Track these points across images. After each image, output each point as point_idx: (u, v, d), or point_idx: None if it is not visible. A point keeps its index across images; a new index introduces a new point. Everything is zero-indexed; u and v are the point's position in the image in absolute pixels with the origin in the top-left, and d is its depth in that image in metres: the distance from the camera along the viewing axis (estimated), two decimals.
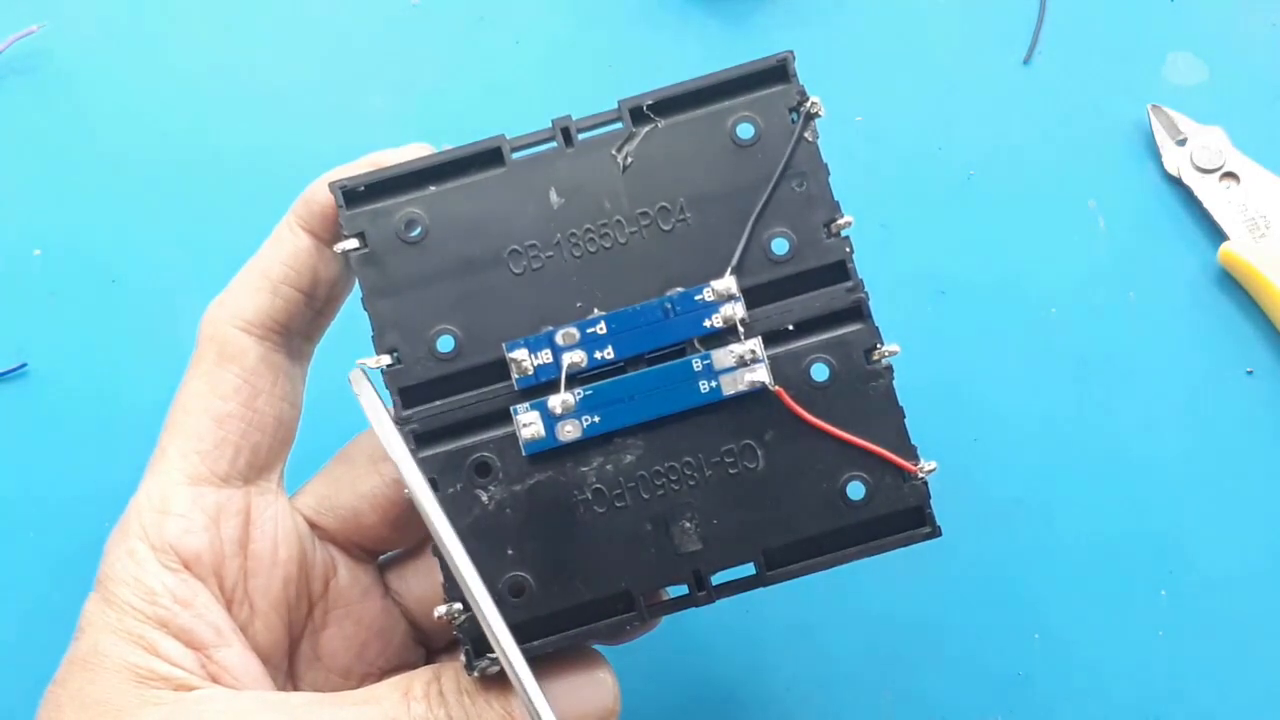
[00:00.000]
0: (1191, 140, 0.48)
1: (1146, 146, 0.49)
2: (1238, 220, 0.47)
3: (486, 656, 0.30)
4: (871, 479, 0.30)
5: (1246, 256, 0.46)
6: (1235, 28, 0.50)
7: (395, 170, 0.31)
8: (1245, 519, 0.45)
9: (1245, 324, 0.47)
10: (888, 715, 0.44)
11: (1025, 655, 0.44)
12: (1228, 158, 0.48)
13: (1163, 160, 0.49)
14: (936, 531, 0.31)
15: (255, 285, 0.33)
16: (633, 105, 0.31)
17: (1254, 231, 0.47)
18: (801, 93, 0.31)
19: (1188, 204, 0.48)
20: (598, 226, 0.31)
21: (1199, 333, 0.47)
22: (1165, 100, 0.49)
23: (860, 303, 0.31)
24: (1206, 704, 0.44)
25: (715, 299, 0.30)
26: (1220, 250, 0.47)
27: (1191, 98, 0.49)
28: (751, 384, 0.30)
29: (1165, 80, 0.50)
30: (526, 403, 0.30)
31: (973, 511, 0.45)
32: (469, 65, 0.50)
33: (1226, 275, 0.47)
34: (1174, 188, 0.49)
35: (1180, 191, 0.48)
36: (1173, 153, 0.48)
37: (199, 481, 0.32)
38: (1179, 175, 0.48)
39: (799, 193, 0.31)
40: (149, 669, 0.30)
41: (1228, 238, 0.47)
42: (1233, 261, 0.47)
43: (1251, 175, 0.48)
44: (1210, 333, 0.47)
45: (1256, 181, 0.48)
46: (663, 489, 0.30)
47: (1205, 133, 0.48)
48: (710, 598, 0.30)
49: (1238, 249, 0.47)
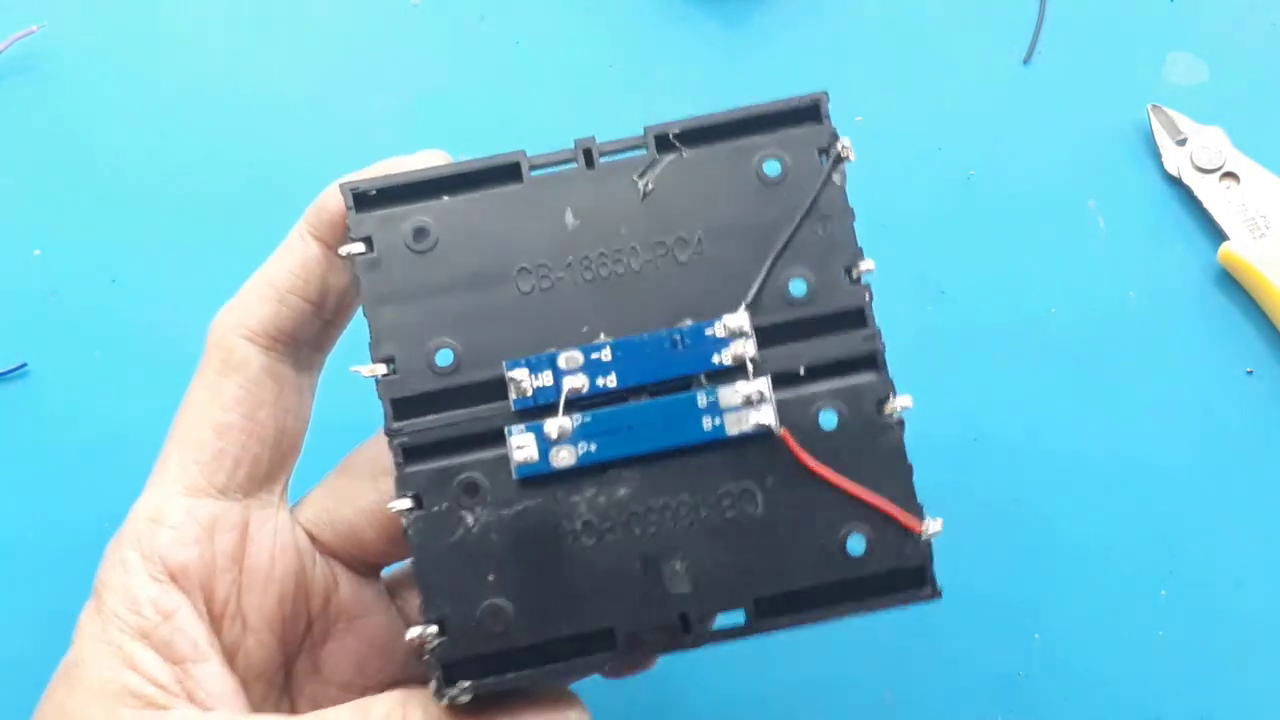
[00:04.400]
0: (1191, 140, 0.48)
1: (1146, 146, 0.49)
2: (1238, 220, 0.47)
3: (458, 685, 0.29)
4: (874, 534, 0.29)
5: (1246, 256, 0.46)
6: (1235, 28, 0.50)
7: (409, 177, 0.30)
8: (1245, 519, 0.45)
9: (1245, 324, 0.47)
10: (888, 715, 0.44)
11: (1025, 655, 0.44)
12: (1228, 158, 0.48)
13: (1163, 160, 0.49)
14: (937, 593, 0.30)
15: (262, 294, 0.32)
16: (659, 132, 0.30)
17: (1254, 231, 0.47)
18: (833, 134, 0.31)
19: (1188, 204, 0.48)
20: (611, 252, 0.30)
21: (1199, 333, 0.47)
22: (1165, 100, 0.49)
23: (876, 352, 0.30)
24: (1206, 704, 0.44)
25: (726, 335, 0.30)
26: (1220, 250, 0.47)
27: (1191, 98, 0.49)
28: (757, 425, 0.29)
29: (1165, 80, 0.50)
30: (522, 424, 0.29)
31: (972, 512, 0.45)
32: (469, 65, 0.50)
33: (1226, 275, 0.47)
34: (1174, 188, 0.49)
35: (1180, 191, 0.48)
36: (1173, 153, 0.48)
37: (196, 493, 0.32)
38: (1179, 175, 0.48)
39: (822, 235, 0.30)
40: (122, 685, 0.30)
41: (1228, 238, 0.47)
42: (1233, 261, 0.47)
43: (1251, 175, 0.48)
44: (1210, 333, 0.47)
45: (1256, 181, 0.48)
46: (655, 526, 0.29)
47: (1205, 133, 0.48)
48: (696, 642, 0.29)
49: (1238, 249, 0.47)
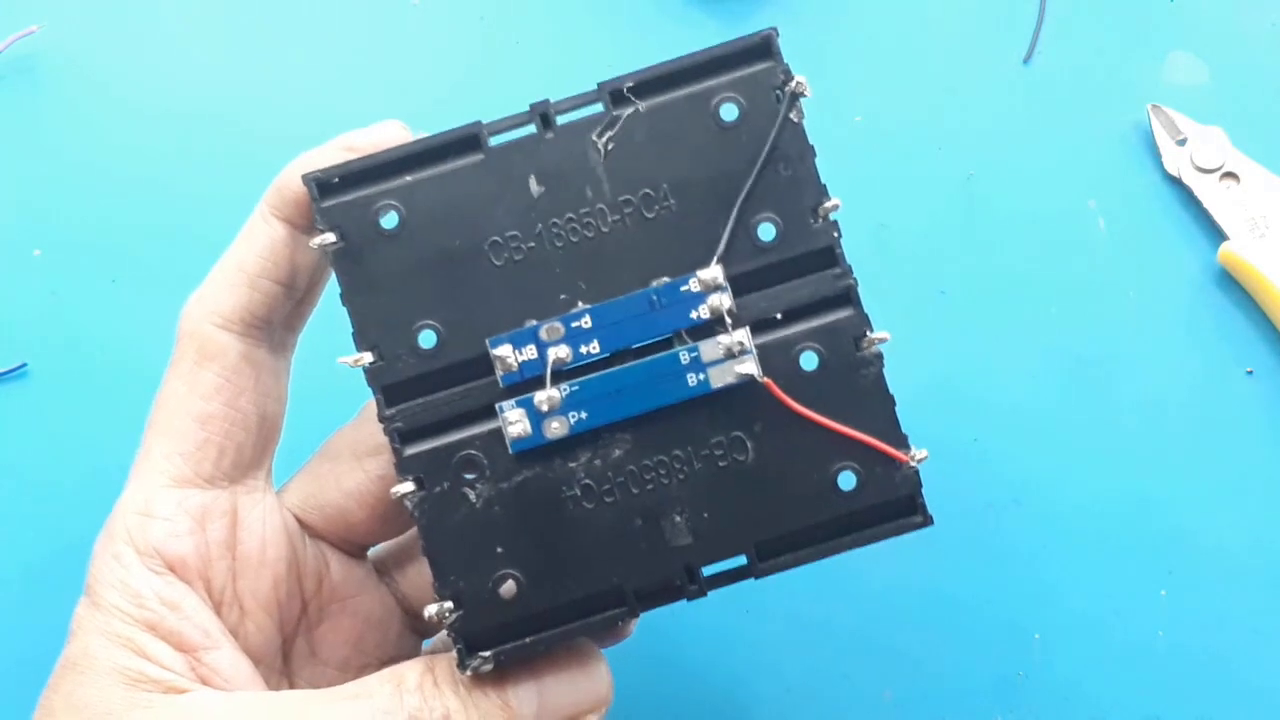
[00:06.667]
0: (1191, 140, 0.48)
1: (1146, 146, 0.49)
2: (1238, 220, 0.47)
3: (479, 655, 0.30)
4: (862, 468, 0.30)
5: (1246, 256, 0.46)
6: (1235, 28, 0.50)
7: (369, 160, 0.30)
8: (1245, 519, 0.45)
9: (1245, 324, 0.47)
10: (888, 715, 0.44)
11: (1025, 655, 0.44)
12: (1228, 158, 0.48)
13: (1163, 160, 0.49)
14: (928, 520, 0.30)
15: (232, 280, 0.32)
16: (612, 88, 0.30)
17: (1254, 231, 0.47)
18: (786, 71, 0.30)
19: (1188, 204, 0.48)
20: (580, 215, 0.30)
21: (1199, 333, 0.47)
22: (1165, 100, 0.49)
23: (849, 289, 0.30)
24: (1206, 704, 0.44)
25: (702, 289, 0.30)
26: (1220, 250, 0.47)
27: (1191, 98, 0.49)
28: (740, 376, 0.30)
29: (1165, 80, 0.50)
30: (512, 399, 0.30)
31: (972, 511, 0.45)
32: (469, 65, 0.50)
33: (1226, 275, 0.47)
34: (1174, 188, 0.49)
35: (1180, 191, 0.48)
36: (1173, 153, 0.48)
37: (183, 483, 0.32)
38: (1179, 175, 0.48)
39: (785, 176, 0.30)
40: (139, 671, 0.30)
41: (1228, 238, 0.47)
42: (1233, 261, 0.47)
43: (1251, 175, 0.48)
44: (1210, 333, 0.47)
45: (1256, 181, 0.48)
46: (652, 483, 0.30)
47: (1205, 133, 0.48)
48: (702, 591, 0.30)
49: (1238, 249, 0.47)
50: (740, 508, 0.30)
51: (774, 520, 0.30)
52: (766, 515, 0.30)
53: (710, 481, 0.30)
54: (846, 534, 0.30)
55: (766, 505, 0.30)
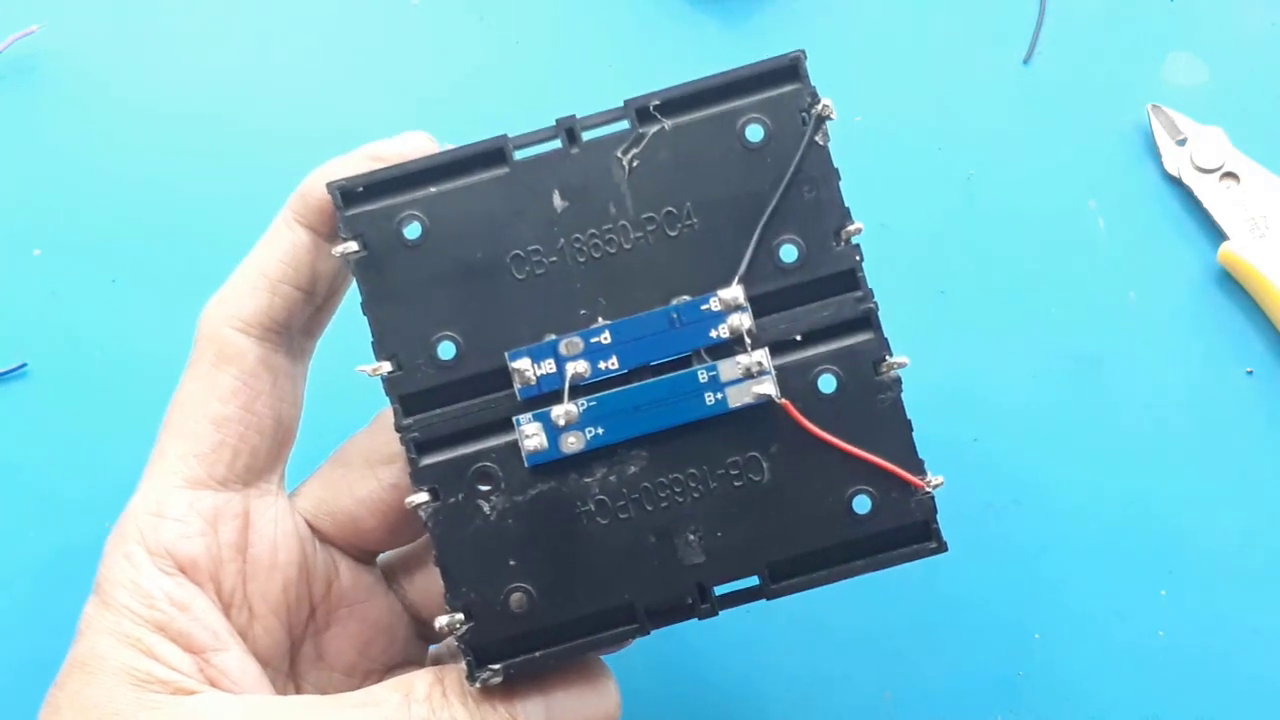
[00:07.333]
0: (1191, 140, 0.48)
1: (1146, 146, 0.49)
2: (1238, 220, 0.47)
3: (489, 668, 0.30)
4: (877, 493, 0.30)
5: (1246, 256, 0.46)
6: (1235, 28, 0.50)
7: (395, 170, 0.30)
8: (1245, 519, 0.45)
9: (1245, 324, 0.47)
10: (888, 715, 0.44)
11: (1025, 655, 0.44)
12: (1228, 158, 0.48)
13: (1163, 160, 0.49)
14: (943, 547, 0.30)
15: (253, 284, 0.32)
16: (639, 105, 0.30)
17: (1254, 231, 0.47)
18: (813, 94, 0.30)
19: (1188, 204, 0.48)
20: (602, 231, 0.30)
21: (1199, 333, 0.47)
22: (1165, 100, 0.49)
23: (869, 313, 0.30)
24: (1206, 704, 0.44)
25: (722, 308, 0.30)
26: (1220, 250, 0.47)
27: (1191, 98, 0.49)
28: (758, 396, 0.30)
29: (1165, 80, 0.50)
30: (529, 413, 0.30)
31: (972, 511, 0.45)
32: (469, 65, 0.50)
33: (1226, 275, 0.47)
34: (1174, 188, 0.49)
35: (1180, 191, 0.48)
36: (1173, 153, 0.48)
37: (197, 485, 0.32)
38: (1179, 175, 0.48)
39: (809, 198, 0.30)
40: (147, 672, 0.30)
41: (1228, 238, 0.47)
42: (1233, 261, 0.47)
43: (1251, 175, 0.48)
44: (1210, 333, 0.47)
45: (1256, 181, 0.48)
46: (666, 501, 0.30)
47: (1205, 133, 0.48)
48: (713, 610, 0.30)
49: (1238, 249, 0.47)
50: (754, 528, 0.30)
51: (787, 541, 0.30)
52: (780, 536, 0.30)
53: (725, 501, 0.30)
54: (860, 558, 0.30)
55: (780, 526, 0.30)
